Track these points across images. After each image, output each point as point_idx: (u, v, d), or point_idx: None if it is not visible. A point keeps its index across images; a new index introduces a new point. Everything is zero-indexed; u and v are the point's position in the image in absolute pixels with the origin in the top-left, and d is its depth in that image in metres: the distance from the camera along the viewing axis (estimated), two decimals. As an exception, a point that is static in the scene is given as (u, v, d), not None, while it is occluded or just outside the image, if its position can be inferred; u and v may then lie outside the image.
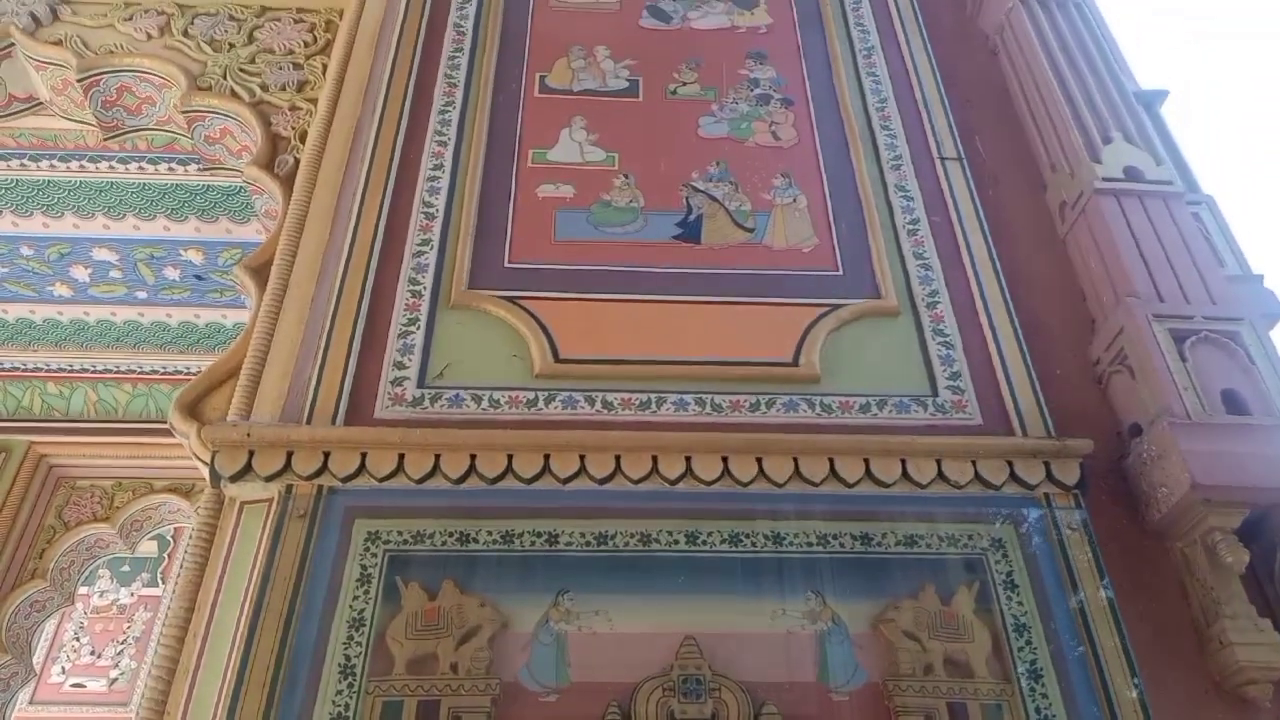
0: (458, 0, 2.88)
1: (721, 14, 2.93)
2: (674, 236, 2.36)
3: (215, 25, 2.86)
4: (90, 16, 2.89)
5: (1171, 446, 1.77)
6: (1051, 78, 2.39)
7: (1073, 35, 2.48)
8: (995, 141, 2.56)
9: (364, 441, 1.88)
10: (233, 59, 2.79)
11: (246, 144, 2.74)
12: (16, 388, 4.27)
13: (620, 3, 2.95)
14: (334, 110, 2.55)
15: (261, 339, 2.08)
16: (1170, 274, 2.03)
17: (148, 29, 2.86)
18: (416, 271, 2.23)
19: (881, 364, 2.10)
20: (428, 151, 2.48)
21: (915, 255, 2.29)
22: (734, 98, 2.69)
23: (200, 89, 2.73)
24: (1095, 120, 2.30)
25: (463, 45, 2.76)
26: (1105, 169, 2.18)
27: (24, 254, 3.92)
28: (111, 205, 3.73)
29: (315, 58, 2.83)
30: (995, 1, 2.71)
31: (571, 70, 2.75)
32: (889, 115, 2.62)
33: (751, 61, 2.79)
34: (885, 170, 2.48)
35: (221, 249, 3.92)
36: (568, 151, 2.54)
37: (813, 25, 2.89)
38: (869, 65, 2.76)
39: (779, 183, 2.48)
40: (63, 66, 2.81)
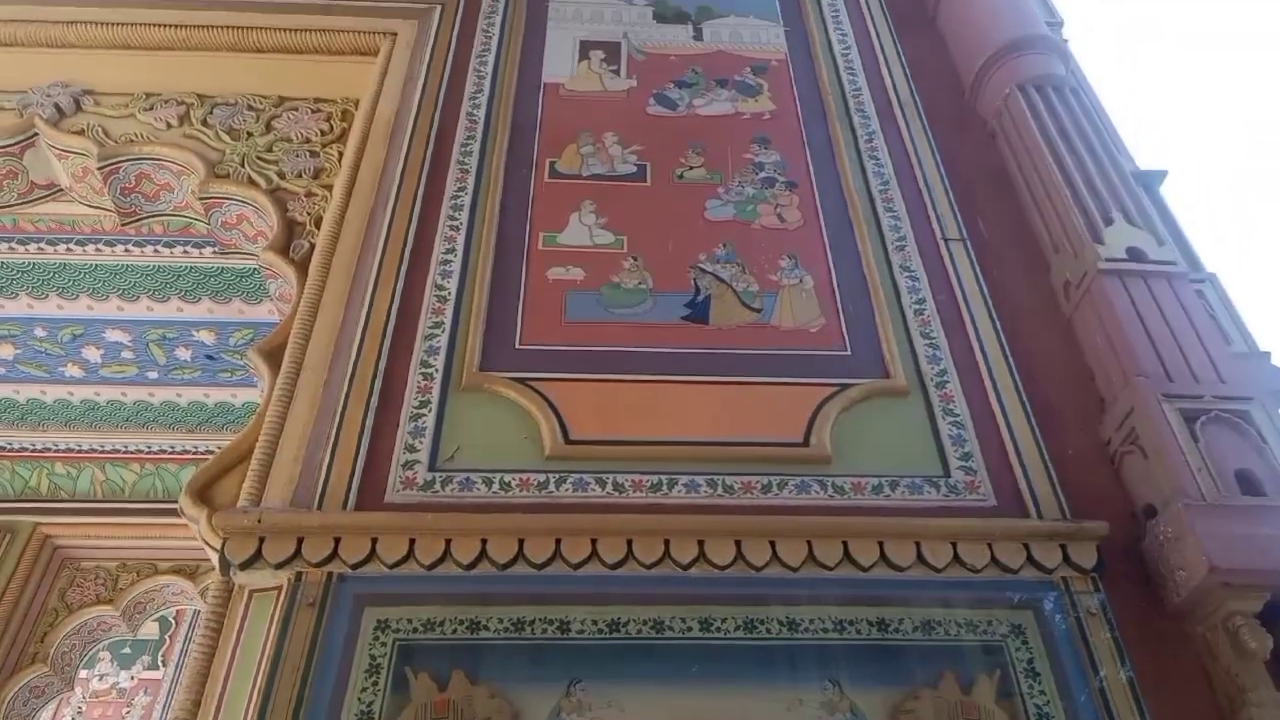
0: (470, 90, 2.97)
1: (726, 101, 3.01)
2: (683, 317, 2.39)
3: (234, 115, 2.94)
4: (112, 107, 2.98)
5: (1188, 529, 1.76)
6: (1050, 161, 2.45)
7: (1069, 119, 2.54)
8: (997, 222, 2.60)
9: (374, 527, 1.88)
10: (251, 147, 2.86)
11: (262, 229, 2.79)
12: (24, 468, 4.27)
13: (628, 91, 3.03)
14: (349, 196, 2.61)
15: (274, 423, 2.09)
16: (1178, 353, 2.04)
17: (168, 118, 2.94)
18: (428, 354, 2.25)
19: (892, 444, 2.10)
20: (440, 236, 2.53)
21: (923, 335, 2.31)
22: (739, 181, 2.75)
23: (218, 176, 2.79)
24: (1096, 202, 2.34)
25: (475, 133, 2.83)
26: (1108, 250, 2.22)
27: (38, 335, 3.97)
28: (126, 287, 3.79)
29: (331, 145, 2.90)
30: (992, 88, 2.79)
31: (581, 156, 2.81)
32: (891, 197, 2.67)
33: (756, 146, 2.85)
34: (890, 251, 2.52)
35: (233, 329, 3.96)
36: (577, 235, 2.58)
37: (815, 111, 2.96)
38: (870, 149, 2.82)
39: (785, 264, 2.51)
40: (84, 155, 2.89)
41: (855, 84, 3.06)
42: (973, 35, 2.97)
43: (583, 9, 3.33)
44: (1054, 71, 2.70)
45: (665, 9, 3.34)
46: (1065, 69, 2.79)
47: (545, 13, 3.29)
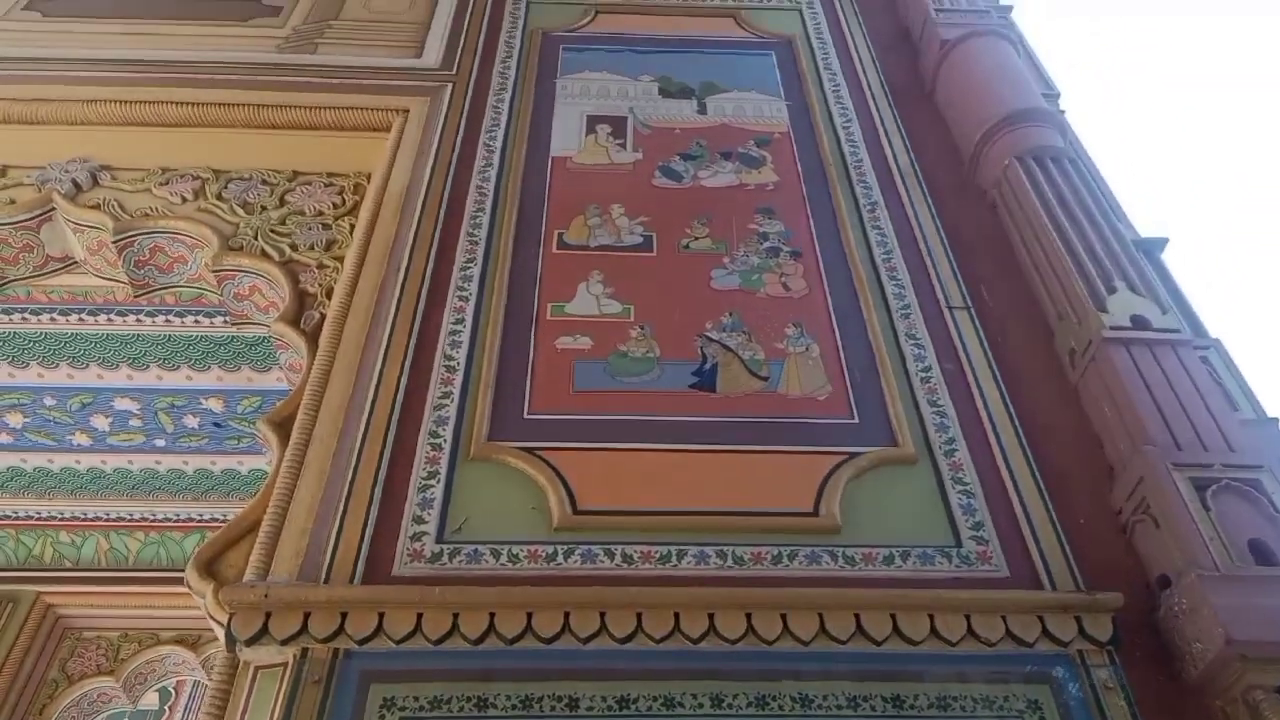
0: (480, 164, 3.03)
1: (730, 173, 3.07)
2: (690, 386, 2.40)
3: (248, 189, 3.00)
4: (128, 182, 3.03)
5: (1202, 601, 1.74)
6: (1051, 230, 2.48)
7: (1069, 188, 2.58)
8: (1000, 290, 2.63)
9: (382, 601, 1.86)
10: (264, 220, 2.92)
11: (274, 300, 2.82)
12: (29, 537, 4.25)
13: (634, 164, 3.09)
14: (360, 268, 2.65)
15: (282, 495, 2.09)
16: (1186, 422, 2.04)
17: (183, 193, 3.00)
18: (437, 424, 2.26)
19: (902, 513, 2.09)
20: (450, 306, 2.56)
21: (930, 403, 2.31)
22: (744, 251, 2.78)
23: (232, 249, 2.84)
24: (1098, 270, 2.37)
25: (484, 205, 2.88)
26: (1112, 318, 2.24)
27: (47, 404, 3.99)
28: (136, 356, 3.82)
29: (344, 218, 2.95)
30: (991, 159, 2.84)
31: (588, 227, 2.86)
32: (895, 266, 2.70)
33: (760, 216, 2.90)
34: (895, 319, 2.54)
35: (241, 397, 3.97)
36: (585, 305, 2.61)
37: (817, 182, 3.02)
38: (873, 219, 2.87)
39: (791, 332, 2.53)
40: (99, 229, 2.94)
41: (856, 155, 3.12)
42: (970, 108, 3.04)
43: (590, 85, 3.42)
44: (1052, 143, 2.76)
45: (670, 85, 3.42)
46: (1063, 140, 2.85)
47: (553, 90, 3.38)
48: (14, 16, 3.69)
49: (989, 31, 3.27)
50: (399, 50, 3.56)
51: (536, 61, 3.52)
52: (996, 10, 3.61)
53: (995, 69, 3.11)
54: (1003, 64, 3.14)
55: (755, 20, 3.80)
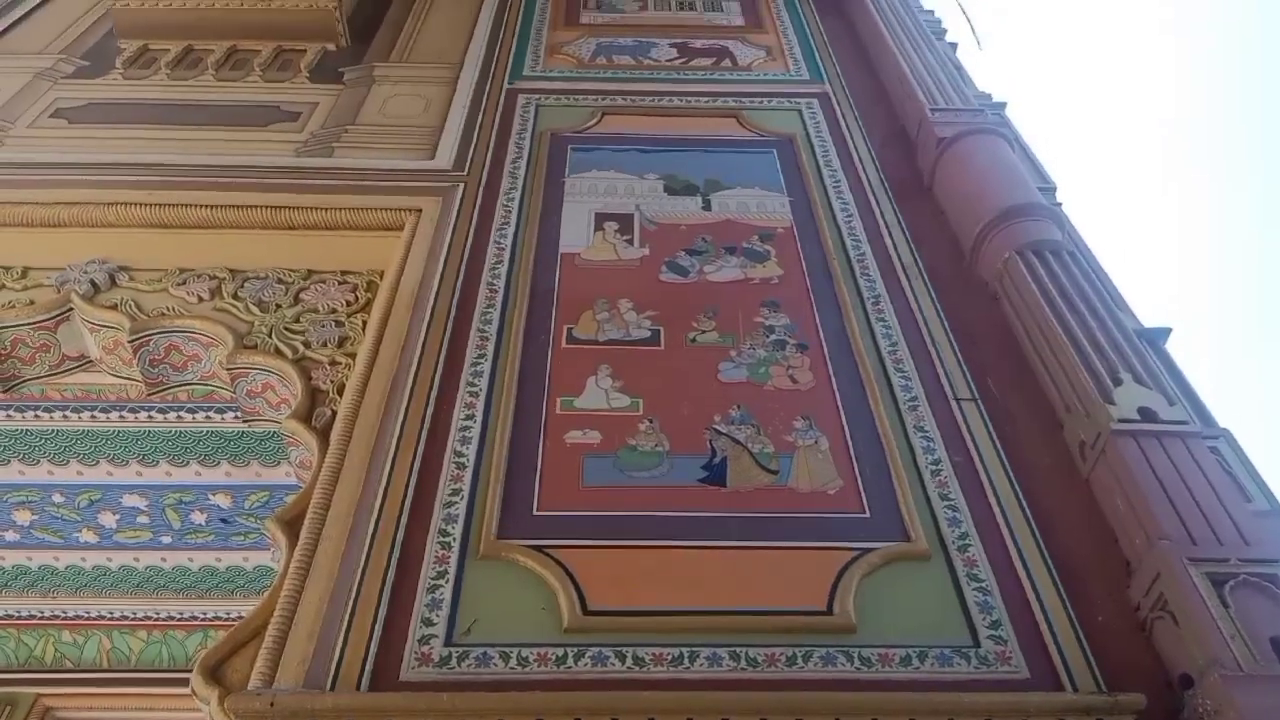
0: (491, 261, 3.10)
1: (735, 267, 3.13)
2: (700, 480, 2.40)
3: (264, 288, 3.06)
4: (146, 282, 3.10)
5: (1227, 702, 1.70)
6: (1054, 323, 2.51)
7: (1070, 281, 2.62)
8: (1007, 381, 2.64)
9: (388, 709, 1.84)
10: (279, 319, 2.96)
11: (286, 396, 2.85)
12: (30, 637, 4.20)
13: (641, 259, 3.16)
14: (372, 365, 2.69)
15: (289, 598, 2.07)
16: (1199, 515, 2.03)
17: (199, 292, 3.05)
18: (446, 522, 2.26)
19: (918, 612, 2.06)
20: (460, 402, 2.58)
21: (941, 497, 2.30)
22: (751, 344, 2.82)
23: (246, 347, 2.88)
24: (1103, 362, 2.38)
25: (495, 301, 2.93)
26: (1119, 410, 2.24)
27: (55, 501, 3.99)
28: (146, 452, 3.83)
29: (356, 315, 3.00)
30: (991, 252, 2.89)
31: (597, 322, 2.90)
32: (901, 358, 2.72)
33: (766, 310, 2.94)
34: (903, 411, 2.55)
35: (249, 492, 3.97)
36: (594, 398, 2.63)
37: (821, 276, 3.07)
38: (877, 311, 2.91)
39: (800, 425, 2.54)
40: (116, 329, 2.99)
41: (859, 249, 3.18)
42: (968, 203, 3.11)
43: (597, 184, 3.51)
44: (1050, 236, 2.82)
45: (675, 182, 3.51)
46: (1061, 233, 2.90)
47: (562, 189, 3.47)
48: (40, 124, 3.83)
49: (984, 129, 3.37)
50: (413, 152, 3.67)
51: (546, 161, 3.62)
52: (990, 108, 3.74)
53: (991, 165, 3.20)
54: (999, 160, 3.23)
55: (756, 120, 3.91)
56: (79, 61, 4.26)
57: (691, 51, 4.45)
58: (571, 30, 4.67)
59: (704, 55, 4.43)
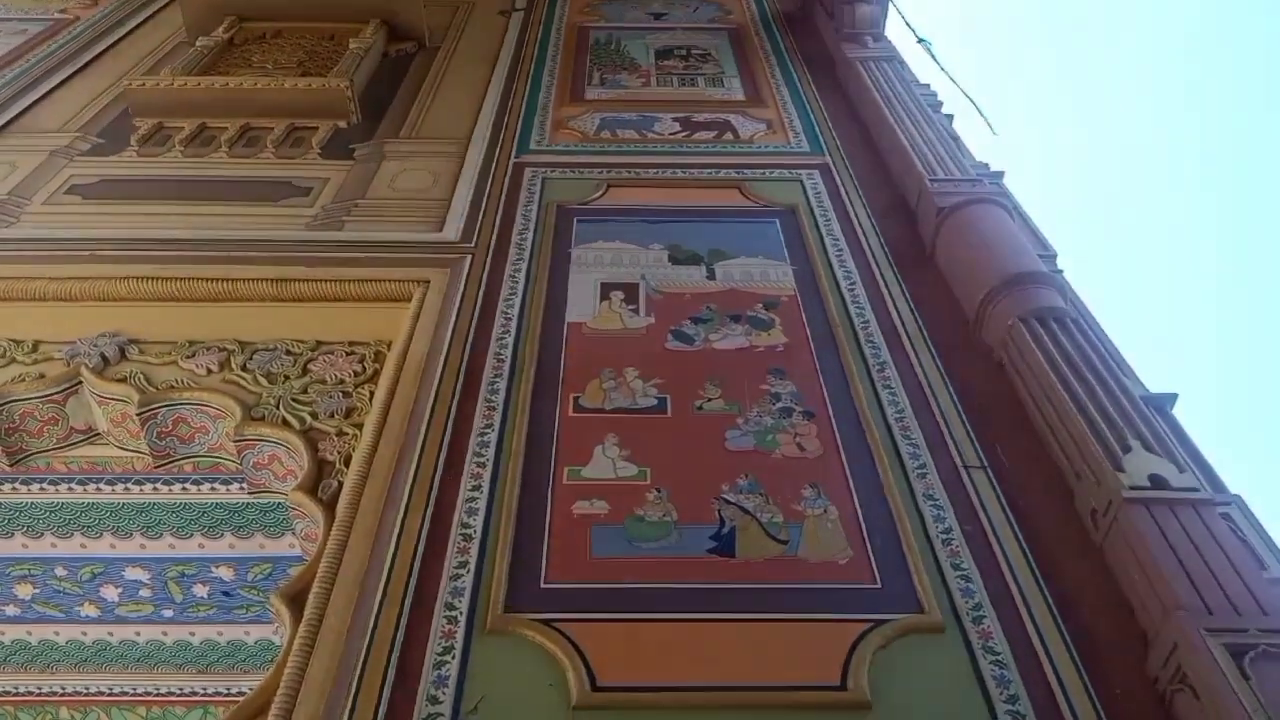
0: (498, 331, 3.12)
1: (740, 335, 3.15)
2: (709, 550, 2.38)
3: (273, 359, 3.08)
4: (156, 355, 3.12)
5: (1255, 779, 1.66)
6: (1061, 390, 2.51)
7: (1074, 348, 2.64)
8: (1016, 449, 2.63)
9: (396, 790, 1.79)
10: (287, 390, 2.98)
11: (292, 468, 2.85)
12: (27, 715, 4.11)
13: (647, 328, 3.18)
14: (379, 436, 2.69)
15: (294, 675, 2.04)
16: (1214, 584, 2.01)
17: (208, 364, 3.07)
18: (453, 595, 2.23)
19: (934, 686, 2.02)
20: (467, 473, 2.57)
21: (954, 566, 2.28)
22: (758, 411, 2.82)
23: (254, 419, 2.89)
24: (1111, 430, 2.38)
25: (502, 371, 2.95)
26: (1130, 478, 2.23)
27: (57, 575, 3.95)
28: (150, 525, 3.81)
29: (364, 386, 3.01)
30: (995, 320, 2.91)
31: (604, 390, 2.91)
32: (908, 426, 2.72)
33: (772, 377, 2.95)
34: (912, 479, 2.54)
35: (253, 564, 3.93)
36: (602, 468, 2.63)
37: (826, 343, 3.09)
38: (883, 379, 2.92)
39: (808, 493, 2.53)
40: (124, 402, 3.00)
41: (863, 317, 3.20)
42: (970, 272, 3.14)
43: (603, 254, 3.56)
44: (1053, 304, 2.84)
45: (679, 252, 3.56)
46: (1064, 300, 2.93)
47: (568, 259, 3.52)
48: (55, 200, 3.91)
49: (983, 199, 3.43)
50: (421, 225, 3.73)
51: (552, 232, 3.68)
52: (989, 178, 3.80)
53: (992, 234, 3.24)
54: (999, 229, 3.28)
55: (758, 190, 3.98)
56: (95, 139, 4.37)
57: (694, 125, 4.55)
58: (577, 106, 4.78)
59: (706, 129, 4.53)
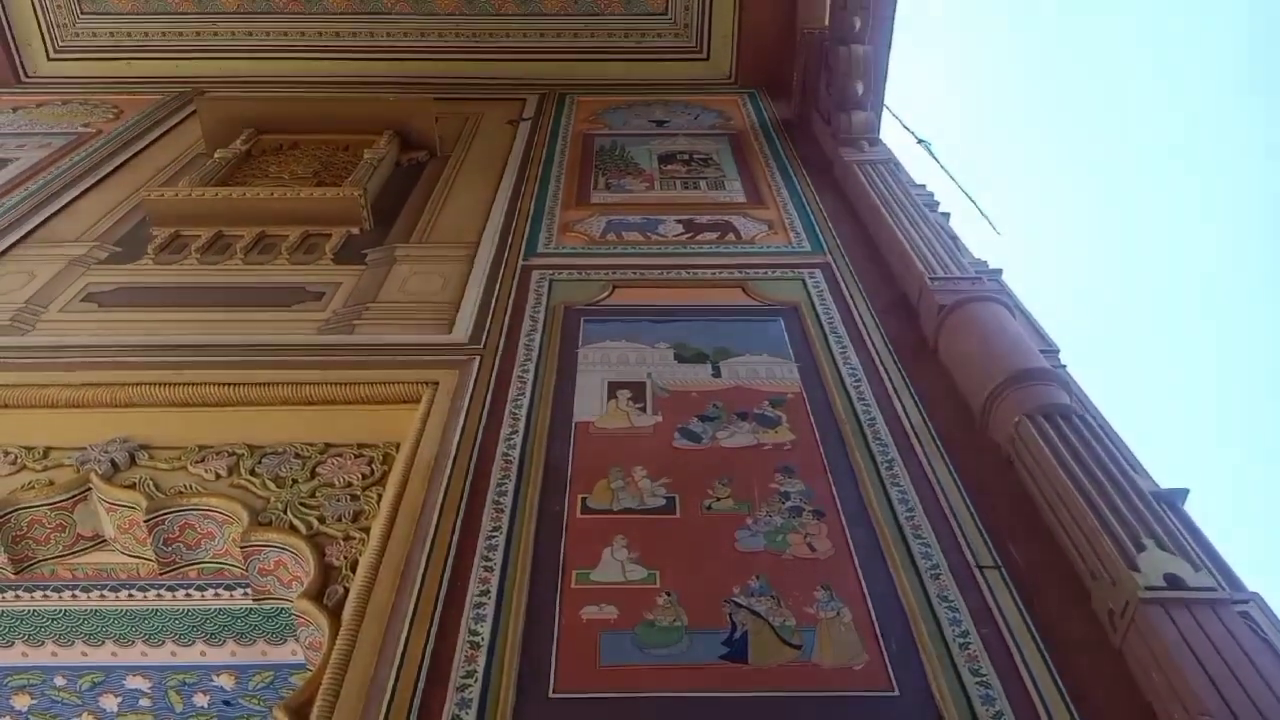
0: (506, 431, 3.14)
1: (748, 433, 3.16)
2: (721, 657, 2.34)
3: (281, 463, 3.09)
4: (165, 460, 3.13)
5: None
6: (1072, 488, 2.50)
7: (1083, 445, 2.63)
8: (1029, 548, 2.61)
9: None
10: (294, 494, 2.98)
11: (298, 574, 2.83)
12: (16, 833, 3.97)
13: (654, 427, 3.20)
14: (386, 540, 2.68)
15: (298, 793, 1.99)
16: (1236, 687, 1.95)
17: (217, 469, 3.08)
18: (460, 707, 2.19)
19: (956, 799, 1.96)
20: (475, 578, 2.55)
21: (972, 672, 2.23)
22: (767, 511, 2.81)
23: (261, 524, 2.88)
24: (1124, 528, 2.36)
25: (510, 472, 2.95)
26: (1145, 578, 2.20)
27: (56, 684, 3.87)
28: (153, 632, 3.75)
29: (372, 489, 3.01)
30: (1001, 416, 2.92)
31: (612, 490, 2.90)
32: (919, 524, 2.70)
33: (781, 476, 2.95)
34: (925, 581, 2.51)
35: (254, 672, 3.85)
36: (610, 571, 2.60)
37: (833, 440, 3.09)
38: (892, 476, 2.91)
39: (820, 595, 2.50)
40: (133, 508, 3.00)
41: (869, 413, 3.21)
42: (974, 368, 3.17)
43: (609, 354, 3.60)
44: (1059, 400, 2.85)
45: (685, 350, 3.60)
46: (1069, 396, 2.94)
47: (575, 359, 3.56)
48: (71, 308, 3.98)
49: (982, 297, 3.48)
50: (431, 327, 3.79)
51: (559, 333, 3.73)
52: (988, 275, 3.87)
53: (994, 331, 3.28)
54: (1000, 326, 3.32)
55: (761, 289, 4.06)
56: (112, 248, 4.47)
57: (697, 227, 4.66)
58: (583, 209, 4.91)
59: (709, 230, 4.63)
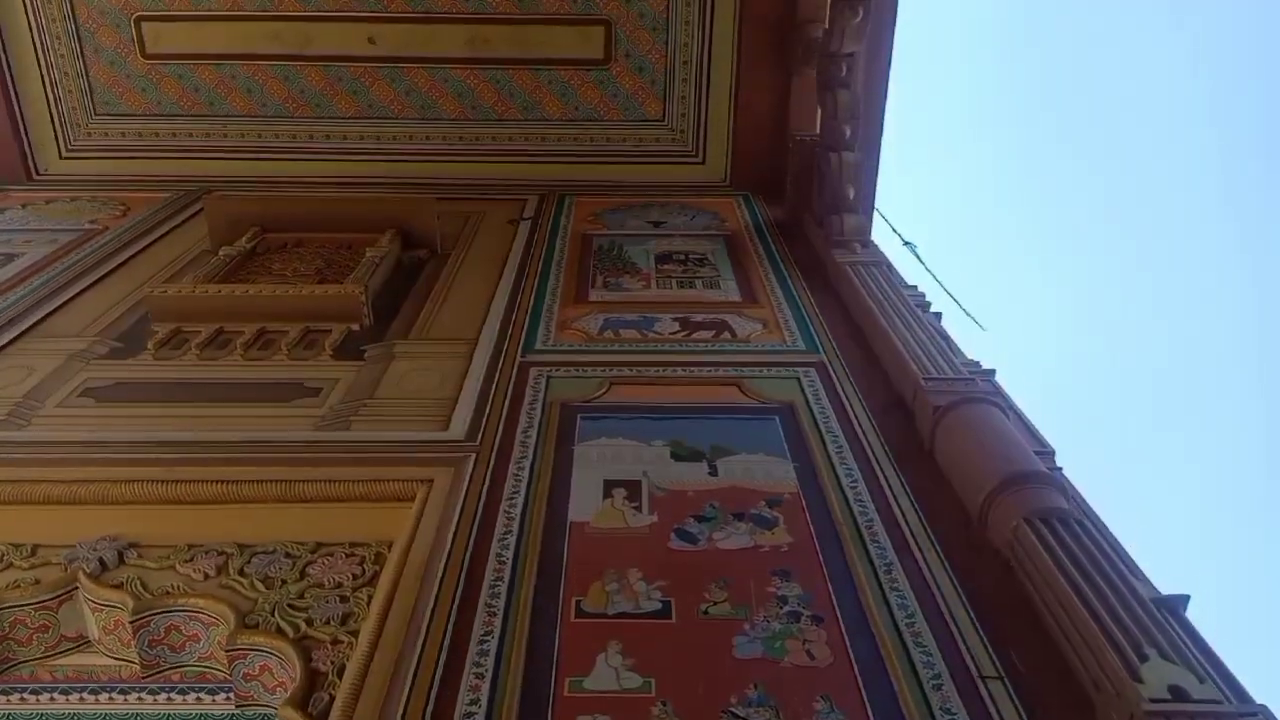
0: (500, 531, 3.11)
1: (744, 534, 3.13)
2: (719, 773, 2.27)
3: (271, 563, 3.05)
4: (154, 559, 3.08)
5: None
6: (1073, 596, 2.47)
7: (1082, 551, 2.61)
8: (1031, 656, 2.55)
9: None
10: (283, 595, 2.93)
11: (283, 679, 2.75)
12: None
13: (650, 527, 3.17)
14: (375, 645, 2.62)
15: None
16: (1253, 805, 1.90)
17: (206, 569, 3.03)
18: (448, 825, 2.10)
19: None
20: (465, 685, 2.49)
21: (977, 789, 2.17)
22: (765, 616, 2.76)
23: (247, 626, 2.82)
24: (1126, 637, 2.32)
25: (503, 574, 2.91)
26: (1149, 689, 2.16)
27: (28, 791, 3.72)
28: (132, 737, 3.64)
29: (362, 590, 2.96)
30: (998, 519, 2.91)
31: (606, 593, 2.86)
32: (919, 631, 2.66)
33: (778, 579, 2.91)
34: (927, 691, 2.45)
35: (233, 785, 3.71)
36: (605, 678, 2.54)
37: (831, 543, 3.07)
38: (890, 581, 2.87)
39: (820, 706, 2.43)
40: (119, 608, 2.94)
41: (866, 515, 3.20)
42: (970, 471, 3.16)
43: (606, 451, 3.60)
44: (1056, 504, 2.84)
45: (682, 449, 3.60)
46: (1066, 499, 2.93)
47: (571, 456, 3.55)
48: (68, 403, 3.99)
49: (977, 398, 3.51)
50: (427, 424, 3.79)
51: (556, 430, 3.74)
52: (981, 375, 3.91)
53: (989, 433, 3.29)
54: (995, 428, 3.33)
55: (757, 387, 4.08)
56: (113, 343, 4.51)
57: (693, 325, 4.72)
58: (581, 307, 4.98)
59: (705, 328, 4.69)
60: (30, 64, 6.81)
